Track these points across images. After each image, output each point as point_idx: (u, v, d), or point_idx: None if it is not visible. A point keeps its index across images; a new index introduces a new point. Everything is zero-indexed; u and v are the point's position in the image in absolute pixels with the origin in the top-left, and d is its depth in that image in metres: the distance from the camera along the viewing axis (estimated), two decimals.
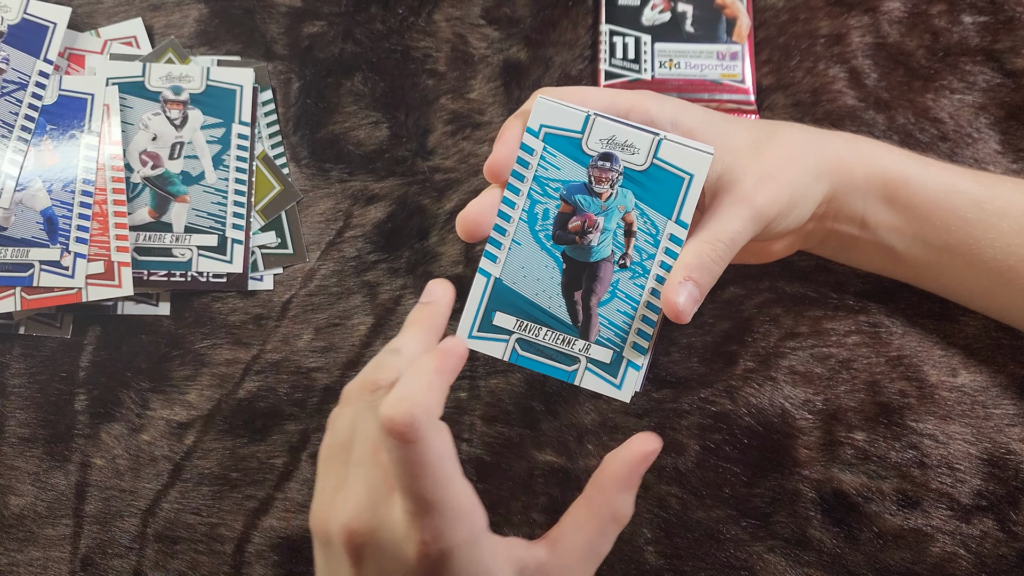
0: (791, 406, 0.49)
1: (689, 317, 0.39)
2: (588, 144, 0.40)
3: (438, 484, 0.33)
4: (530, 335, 0.40)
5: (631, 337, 0.40)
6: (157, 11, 0.57)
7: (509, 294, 0.40)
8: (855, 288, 0.51)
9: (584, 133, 0.40)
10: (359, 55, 0.57)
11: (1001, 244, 0.44)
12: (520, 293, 0.40)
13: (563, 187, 0.40)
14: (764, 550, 0.48)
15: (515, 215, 0.40)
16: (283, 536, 0.50)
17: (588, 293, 0.40)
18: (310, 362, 0.52)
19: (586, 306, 0.40)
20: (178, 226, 0.53)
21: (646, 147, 0.40)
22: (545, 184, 0.40)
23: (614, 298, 0.40)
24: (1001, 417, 0.49)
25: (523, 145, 0.40)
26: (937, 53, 0.55)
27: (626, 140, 0.40)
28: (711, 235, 0.40)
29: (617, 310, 0.40)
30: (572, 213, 0.40)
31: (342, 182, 0.55)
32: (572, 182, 0.40)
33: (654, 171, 0.39)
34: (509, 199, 0.40)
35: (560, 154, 0.40)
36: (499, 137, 0.41)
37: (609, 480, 0.37)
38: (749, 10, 0.56)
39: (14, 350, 0.52)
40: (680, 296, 0.39)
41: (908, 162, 0.45)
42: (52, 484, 0.51)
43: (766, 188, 0.41)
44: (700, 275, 0.39)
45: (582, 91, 0.41)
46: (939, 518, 0.48)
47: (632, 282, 0.40)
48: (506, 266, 0.40)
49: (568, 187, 0.40)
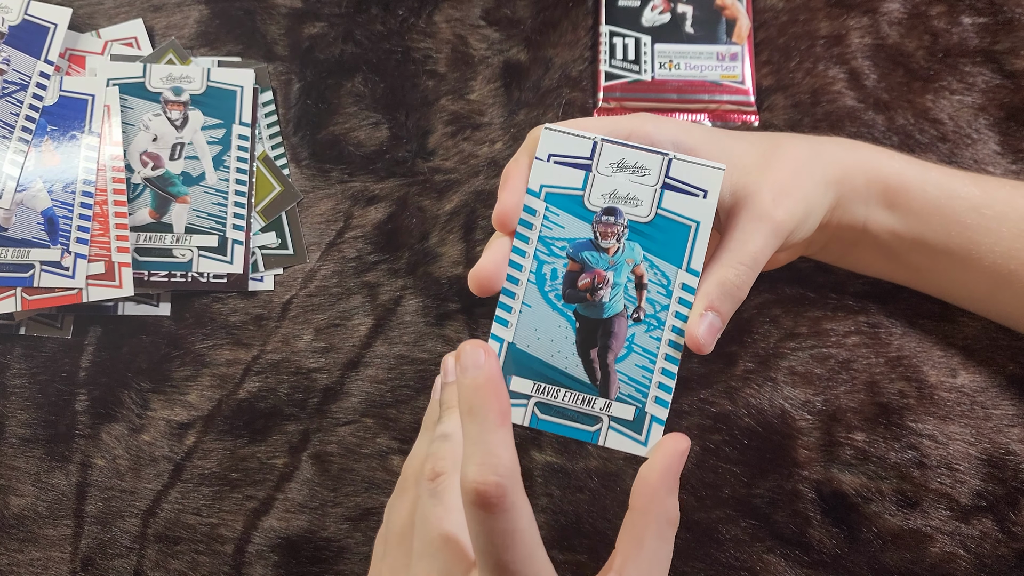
0: (791, 407, 0.49)
1: (710, 348, 0.38)
2: (590, 199, 0.39)
3: (527, 556, 0.32)
4: (549, 398, 0.39)
5: (652, 391, 0.39)
6: (158, 12, 0.57)
7: (524, 358, 0.39)
8: (855, 289, 0.51)
9: (585, 189, 0.40)
10: (359, 56, 0.57)
11: (1001, 248, 0.44)
12: (535, 356, 0.39)
13: (569, 245, 0.39)
14: (764, 550, 0.48)
15: (523, 277, 0.39)
16: (283, 536, 0.50)
17: (604, 350, 0.39)
18: (310, 363, 0.52)
19: (603, 364, 0.39)
20: (179, 227, 0.54)
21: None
22: (551, 244, 0.39)
23: (631, 353, 0.39)
24: (1000, 418, 0.49)
25: (525, 207, 0.39)
26: (937, 54, 0.55)
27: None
28: (733, 258, 0.40)
29: (635, 365, 0.39)
30: (581, 271, 0.39)
31: (342, 183, 0.55)
32: (578, 239, 0.39)
33: (659, 221, 0.39)
34: (516, 262, 0.39)
35: (563, 212, 0.39)
36: (503, 185, 0.40)
37: (654, 487, 0.36)
38: (749, 11, 0.56)
39: (15, 350, 0.52)
40: (700, 328, 0.38)
41: (908, 167, 0.45)
42: (53, 484, 0.51)
43: (784, 203, 0.40)
44: (722, 303, 0.39)
45: (580, 122, 0.41)
46: (938, 518, 0.48)
47: (648, 335, 0.39)
48: (518, 330, 0.39)
49: (574, 245, 0.39)
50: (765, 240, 0.40)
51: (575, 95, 0.56)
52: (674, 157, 0.40)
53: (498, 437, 0.33)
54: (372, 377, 0.51)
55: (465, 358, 0.35)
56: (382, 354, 0.52)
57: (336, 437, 0.51)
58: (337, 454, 0.50)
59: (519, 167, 0.40)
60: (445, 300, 0.53)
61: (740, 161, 0.41)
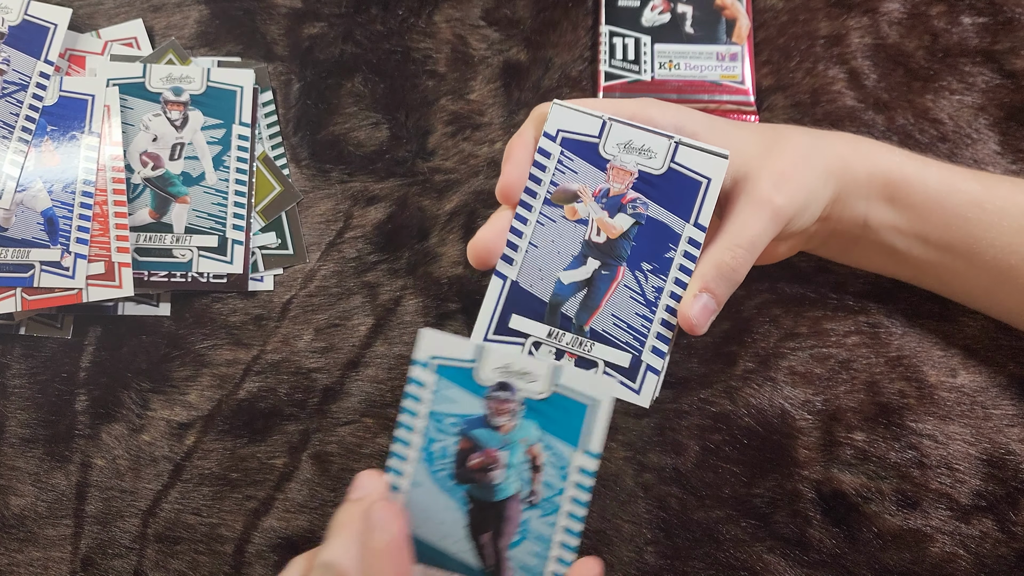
0: (791, 406, 0.49)
1: (704, 329, 0.39)
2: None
3: None
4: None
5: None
6: (158, 12, 0.57)
7: (411, 542, 0.36)
8: (854, 288, 0.51)
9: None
10: (359, 56, 0.57)
11: (1001, 243, 0.44)
12: (423, 540, 0.36)
13: (461, 421, 0.37)
14: (764, 550, 0.48)
15: (412, 455, 0.37)
16: (283, 536, 0.50)
17: (496, 535, 0.37)
18: (310, 363, 0.52)
19: (496, 549, 0.37)
20: (178, 227, 0.54)
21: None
22: (441, 419, 0.37)
23: (524, 540, 0.36)
24: (1000, 417, 0.49)
25: (410, 378, 0.37)
26: (936, 54, 0.55)
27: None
28: (731, 241, 0.40)
29: (529, 552, 0.36)
30: (472, 449, 0.37)
31: (342, 183, 0.55)
32: (469, 416, 0.36)
33: (556, 399, 0.36)
34: (403, 438, 0.37)
35: (455, 385, 0.37)
36: (506, 159, 0.41)
37: None
38: (749, 11, 0.56)
39: (15, 351, 0.52)
40: (694, 308, 0.39)
41: (908, 162, 0.45)
42: (53, 484, 0.51)
43: (784, 189, 0.41)
44: (717, 285, 0.39)
45: (585, 102, 0.42)
46: (938, 518, 0.48)
47: (543, 521, 0.36)
48: (409, 510, 0.37)
49: (466, 421, 0.37)
50: (764, 225, 0.40)
51: (575, 95, 0.56)
52: (680, 141, 0.40)
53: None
54: (372, 377, 0.52)
55: (373, 516, 0.34)
56: (382, 354, 0.52)
57: (336, 437, 0.51)
58: (337, 454, 0.51)
59: (523, 141, 0.41)
60: (445, 300, 0.53)
61: (742, 148, 0.42)
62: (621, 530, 0.49)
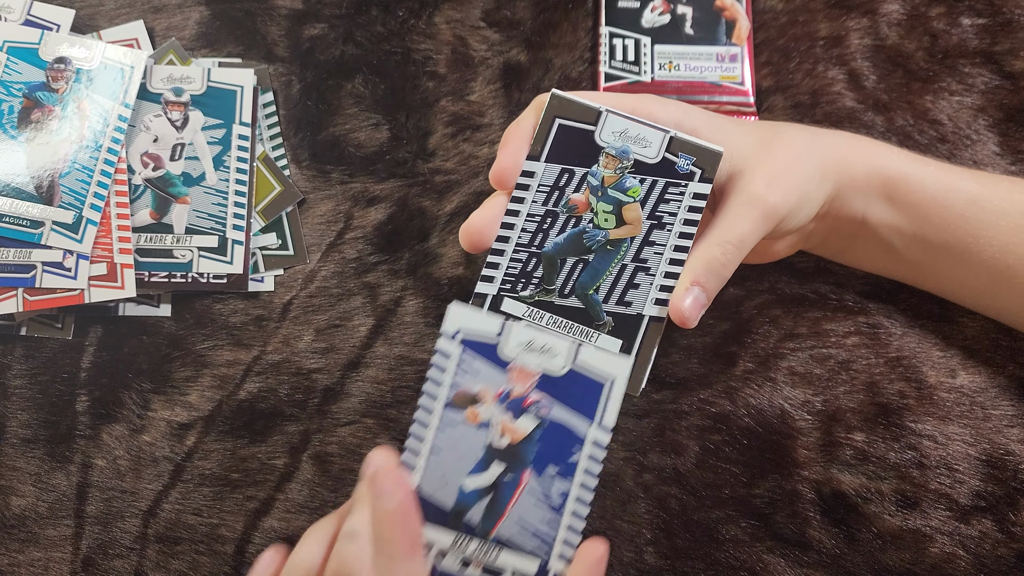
0: (790, 407, 0.50)
1: (695, 322, 0.39)
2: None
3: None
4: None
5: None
6: (158, 13, 0.57)
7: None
8: (854, 289, 0.51)
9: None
10: (360, 57, 0.57)
11: (999, 242, 0.44)
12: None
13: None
14: (763, 550, 0.48)
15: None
16: (284, 537, 0.50)
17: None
18: (311, 363, 0.52)
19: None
20: (179, 227, 0.54)
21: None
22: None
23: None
24: (1000, 418, 0.49)
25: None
26: (936, 55, 0.55)
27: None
28: (721, 237, 0.40)
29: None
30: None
31: (343, 184, 0.55)
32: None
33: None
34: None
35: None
36: (503, 145, 0.41)
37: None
38: (748, 12, 0.57)
39: (16, 351, 0.52)
40: (685, 301, 0.39)
41: (907, 161, 0.45)
42: (53, 485, 0.51)
43: (777, 188, 0.41)
44: (707, 279, 0.40)
45: (586, 95, 0.42)
46: (938, 519, 0.48)
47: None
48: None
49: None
50: (755, 223, 0.41)
51: None
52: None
53: (406, 569, 0.34)
54: (372, 378, 0.52)
55: (378, 483, 0.35)
56: (382, 355, 0.52)
57: (336, 438, 0.51)
58: (337, 455, 0.51)
59: (521, 129, 0.41)
60: (445, 301, 0.53)
61: (739, 145, 0.42)
62: (621, 530, 0.49)
